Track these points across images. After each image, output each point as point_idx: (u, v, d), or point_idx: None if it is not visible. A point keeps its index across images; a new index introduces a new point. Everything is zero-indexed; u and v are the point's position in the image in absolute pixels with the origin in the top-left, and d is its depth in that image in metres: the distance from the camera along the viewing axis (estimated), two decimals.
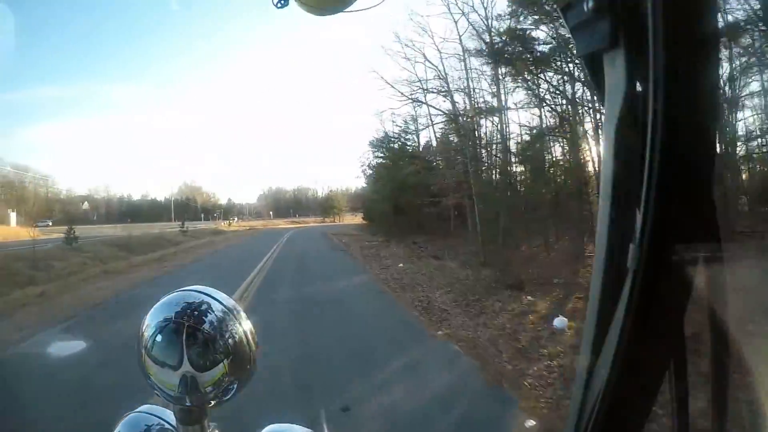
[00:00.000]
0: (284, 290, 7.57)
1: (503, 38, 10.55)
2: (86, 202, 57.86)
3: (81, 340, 4.59)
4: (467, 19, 12.17)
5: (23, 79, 70.04)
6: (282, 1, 0.73)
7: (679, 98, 0.35)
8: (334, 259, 13.21)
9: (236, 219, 60.04)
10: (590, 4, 0.37)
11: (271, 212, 72.20)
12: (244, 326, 0.47)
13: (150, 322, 0.45)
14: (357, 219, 41.83)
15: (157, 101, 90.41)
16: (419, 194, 16.94)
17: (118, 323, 5.09)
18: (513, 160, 12.54)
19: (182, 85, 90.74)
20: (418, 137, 19.97)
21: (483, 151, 13.35)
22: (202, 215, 61.01)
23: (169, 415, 0.52)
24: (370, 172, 24.05)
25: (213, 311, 0.46)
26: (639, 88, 0.37)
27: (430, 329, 4.97)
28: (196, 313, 0.45)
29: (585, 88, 9.08)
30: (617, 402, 0.36)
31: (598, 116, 8.63)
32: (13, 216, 32.01)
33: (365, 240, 18.94)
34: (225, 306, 0.47)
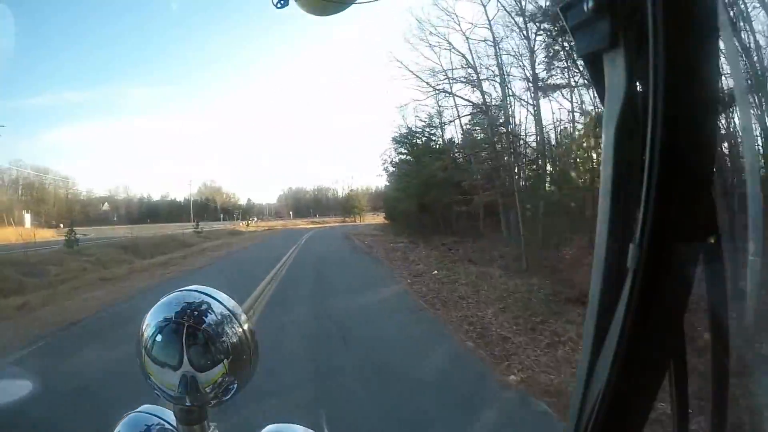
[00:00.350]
0: (299, 308, 6.66)
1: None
2: (106, 203, 61.17)
3: (29, 380, 3.68)
4: (498, 1, 12.00)
5: (45, 84, 74.89)
6: (282, 1, 0.78)
7: (679, 98, 0.37)
8: (359, 264, 12.99)
9: (255, 219, 61.66)
10: (590, 4, 0.40)
11: (290, 212, 73.78)
12: (244, 326, 0.50)
13: (150, 322, 0.48)
14: (378, 219, 42.00)
15: (175, 104, 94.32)
16: (446, 192, 16.71)
17: (88, 352, 4.67)
18: (552, 152, 12.24)
19: (200, 87, 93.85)
20: (443, 131, 19.78)
21: (520, 142, 13.09)
22: (222, 215, 63.22)
23: (169, 415, 0.55)
24: (393, 169, 24.05)
25: (213, 311, 0.48)
26: (639, 88, 0.39)
27: (497, 370, 3.92)
28: (196, 313, 0.47)
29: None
30: (617, 402, 0.39)
31: None
32: (27, 217, 34.12)
33: (389, 241, 18.70)
34: (225, 306, 0.50)
